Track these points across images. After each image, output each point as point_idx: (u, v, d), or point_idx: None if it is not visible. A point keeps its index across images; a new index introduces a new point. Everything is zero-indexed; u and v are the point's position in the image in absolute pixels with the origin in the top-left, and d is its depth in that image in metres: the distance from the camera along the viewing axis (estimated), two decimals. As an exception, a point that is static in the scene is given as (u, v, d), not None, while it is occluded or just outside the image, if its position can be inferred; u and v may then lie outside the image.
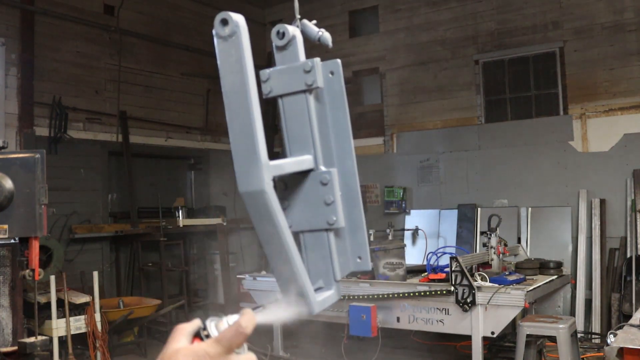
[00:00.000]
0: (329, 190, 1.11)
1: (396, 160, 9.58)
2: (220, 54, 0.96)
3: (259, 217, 0.96)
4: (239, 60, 0.95)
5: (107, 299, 7.56)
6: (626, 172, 7.70)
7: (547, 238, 7.99)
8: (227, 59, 0.95)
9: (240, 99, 0.95)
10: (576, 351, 5.13)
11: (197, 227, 8.95)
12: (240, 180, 0.95)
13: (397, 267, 5.94)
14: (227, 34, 0.95)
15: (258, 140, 0.95)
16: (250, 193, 0.95)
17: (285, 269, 0.99)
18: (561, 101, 8.30)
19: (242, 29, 0.95)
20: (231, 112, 0.96)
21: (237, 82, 0.95)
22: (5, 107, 7.26)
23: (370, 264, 1.22)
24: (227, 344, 0.83)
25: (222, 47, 0.96)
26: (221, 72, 0.96)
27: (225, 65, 0.96)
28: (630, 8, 7.76)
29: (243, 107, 0.95)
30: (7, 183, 4.33)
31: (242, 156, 0.96)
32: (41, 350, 4.39)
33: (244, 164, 0.95)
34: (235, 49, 0.95)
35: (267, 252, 0.99)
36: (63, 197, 7.52)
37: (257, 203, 0.95)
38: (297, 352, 7.02)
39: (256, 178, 0.94)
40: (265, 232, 0.97)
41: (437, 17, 9.32)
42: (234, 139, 0.96)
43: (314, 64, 1.11)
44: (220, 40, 0.96)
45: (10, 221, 4.36)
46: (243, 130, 0.96)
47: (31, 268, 4.45)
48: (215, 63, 0.96)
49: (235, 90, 0.95)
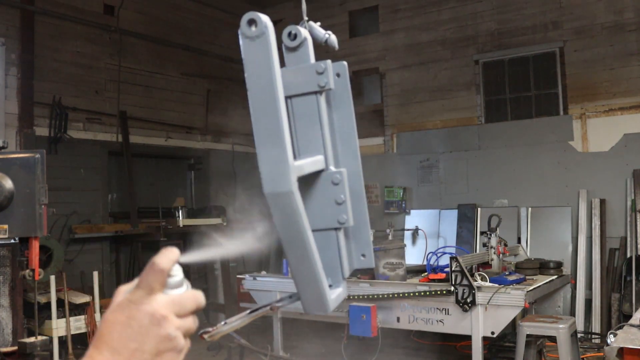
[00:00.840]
0: (340, 189, 1.13)
1: (396, 160, 9.58)
2: (246, 54, 0.96)
3: (284, 218, 0.97)
4: (267, 61, 0.95)
5: (107, 299, 7.56)
6: (626, 172, 7.70)
7: (547, 238, 7.99)
8: (254, 60, 0.95)
9: (268, 100, 0.95)
10: (576, 351, 5.13)
11: (197, 227, 8.95)
12: (266, 181, 0.95)
13: (397, 267, 5.94)
14: (255, 35, 0.95)
15: (285, 141, 0.95)
16: (277, 194, 0.95)
17: (306, 269, 1.00)
18: (561, 101, 8.30)
19: (270, 30, 0.95)
20: (257, 112, 0.96)
21: (265, 84, 0.95)
22: (5, 107, 7.26)
23: (374, 262, 1.25)
24: (146, 286, 0.83)
25: (249, 48, 0.95)
26: (247, 72, 0.96)
27: (252, 66, 0.96)
28: (630, 8, 7.77)
29: (270, 108, 0.95)
30: (7, 183, 4.33)
31: (268, 157, 0.95)
32: (41, 350, 4.39)
33: (271, 165, 0.95)
34: (263, 50, 0.95)
35: (288, 252, 1.00)
36: (63, 197, 7.52)
37: (284, 204, 0.96)
38: (297, 352, 7.02)
39: (284, 179, 0.95)
40: (290, 233, 0.98)
41: (437, 17, 9.33)
42: (260, 140, 0.96)
43: (327, 66, 1.12)
44: (247, 41, 0.95)
45: (10, 221, 4.36)
46: (270, 131, 0.95)
47: (31, 268, 4.45)
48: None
49: (262, 91, 0.95)
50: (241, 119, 11.65)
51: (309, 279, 1.01)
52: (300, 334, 7.47)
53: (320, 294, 1.03)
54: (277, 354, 6.40)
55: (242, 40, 0.96)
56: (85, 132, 8.10)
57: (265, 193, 0.96)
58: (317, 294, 1.03)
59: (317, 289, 1.02)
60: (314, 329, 7.51)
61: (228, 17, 10.18)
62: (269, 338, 6.69)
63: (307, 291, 1.02)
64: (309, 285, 1.02)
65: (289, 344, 7.11)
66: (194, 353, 7.39)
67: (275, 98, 0.95)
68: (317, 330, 7.53)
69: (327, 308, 1.04)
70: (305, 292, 1.02)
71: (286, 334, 6.69)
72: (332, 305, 1.05)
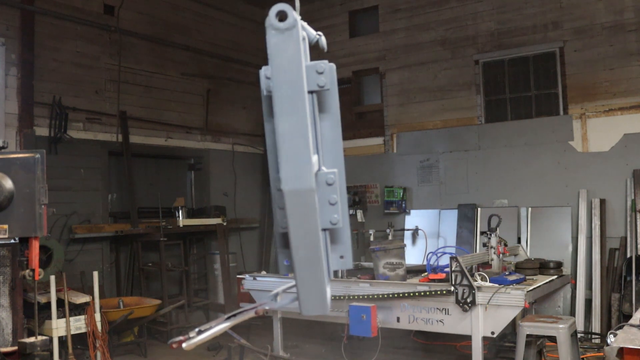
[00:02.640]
0: (334, 190, 1.11)
1: (396, 160, 9.58)
2: (273, 47, 0.93)
3: (301, 215, 0.95)
4: (296, 55, 0.93)
5: (107, 299, 7.56)
6: (626, 172, 7.70)
7: (547, 238, 7.99)
8: (282, 53, 0.93)
9: (294, 94, 0.93)
10: (576, 351, 5.13)
11: (197, 227, 8.95)
12: (287, 178, 0.93)
13: (397, 267, 5.94)
14: (285, 27, 0.92)
15: (309, 138, 0.93)
16: (298, 191, 0.93)
17: (313, 269, 0.99)
18: (561, 101, 8.30)
19: (299, 24, 0.93)
20: (282, 107, 0.93)
21: (292, 78, 0.93)
22: (5, 107, 7.26)
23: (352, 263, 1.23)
24: None
25: (277, 41, 0.93)
26: (273, 65, 0.93)
27: (279, 60, 0.93)
28: (630, 8, 7.77)
29: (297, 103, 0.93)
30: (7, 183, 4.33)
31: (291, 153, 0.93)
32: (41, 350, 4.39)
33: (294, 161, 0.93)
34: (292, 43, 0.92)
35: (298, 252, 0.97)
36: (63, 197, 7.52)
37: (303, 201, 0.94)
38: (297, 352, 7.02)
39: (306, 176, 0.93)
40: (303, 231, 0.96)
41: (437, 17, 9.33)
42: (283, 134, 0.93)
43: (327, 67, 1.11)
44: (275, 33, 0.93)
45: (10, 221, 4.35)
46: (295, 126, 0.93)
47: (31, 268, 4.44)
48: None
49: (289, 85, 0.93)
50: (241, 119, 11.66)
51: (314, 280, 1.00)
52: (300, 334, 7.46)
53: (322, 295, 1.01)
54: (277, 354, 6.40)
55: (269, 33, 0.93)
56: (85, 132, 8.09)
57: (284, 190, 0.93)
58: (320, 294, 1.01)
59: (320, 289, 1.01)
60: (314, 329, 7.51)
61: (228, 17, 10.18)
62: (269, 338, 6.69)
63: (310, 292, 1.00)
64: (312, 286, 1.00)
65: (289, 344, 7.11)
66: (194, 353, 7.35)
67: (302, 93, 0.93)
68: (317, 330, 7.53)
69: (326, 309, 1.02)
70: (307, 292, 1.01)
71: (286, 334, 6.69)
72: (329, 307, 1.03)
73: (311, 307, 1.02)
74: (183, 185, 9.93)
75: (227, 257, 9.10)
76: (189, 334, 1.02)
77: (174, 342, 1.02)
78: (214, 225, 9.06)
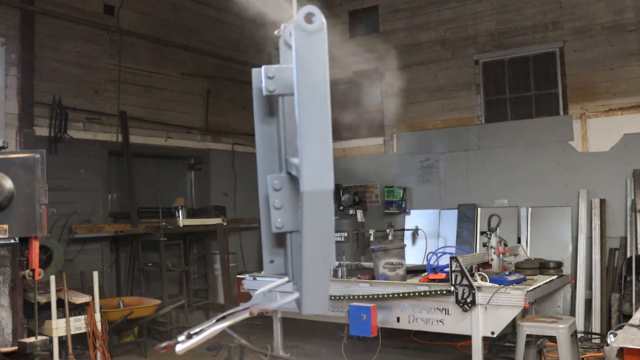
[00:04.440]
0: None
1: (396, 160, 9.58)
2: (300, 48, 0.94)
3: (319, 216, 0.95)
4: (321, 58, 0.94)
5: (107, 299, 7.56)
6: (626, 172, 7.70)
7: (547, 238, 7.99)
8: (309, 54, 0.93)
9: (319, 96, 0.94)
10: (576, 351, 5.12)
11: (197, 227, 8.95)
12: (308, 179, 0.93)
13: (397, 267, 5.94)
14: (313, 29, 0.93)
15: (330, 139, 0.94)
16: (319, 192, 0.94)
17: (323, 269, 0.99)
18: (561, 101, 8.30)
19: (325, 27, 0.94)
20: (306, 107, 0.93)
21: (318, 79, 0.93)
22: (5, 107, 7.26)
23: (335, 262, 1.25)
24: None
25: (305, 42, 0.94)
26: (299, 67, 0.94)
27: (305, 61, 0.94)
28: (630, 8, 7.77)
29: (321, 104, 0.94)
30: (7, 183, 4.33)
31: (314, 154, 0.94)
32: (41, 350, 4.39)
33: (316, 162, 0.94)
34: (320, 45, 0.93)
35: (310, 251, 0.97)
36: (63, 197, 7.52)
37: (323, 202, 0.95)
38: (297, 352, 7.02)
39: (327, 177, 0.94)
40: (320, 231, 0.96)
41: (437, 17, 9.33)
42: (306, 135, 0.93)
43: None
44: (303, 34, 0.94)
45: (10, 221, 4.36)
46: (318, 127, 0.94)
47: (31, 268, 4.45)
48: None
49: (315, 87, 0.93)
50: (241, 119, 11.66)
51: (321, 279, 1.00)
52: (300, 334, 7.47)
53: (325, 294, 1.02)
54: (277, 354, 6.40)
55: (296, 34, 0.93)
56: (85, 132, 8.09)
57: (305, 190, 0.93)
58: (323, 293, 1.02)
59: (325, 289, 1.01)
60: (314, 329, 7.51)
61: (228, 17, 10.18)
62: (269, 338, 6.69)
63: (315, 291, 1.01)
64: (319, 285, 1.01)
65: (289, 344, 7.11)
66: (194, 353, 7.38)
67: (326, 95, 0.94)
68: (317, 330, 7.53)
69: (327, 307, 1.03)
70: (311, 292, 1.01)
71: (286, 334, 6.69)
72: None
73: (313, 306, 1.03)
74: (183, 185, 9.93)
75: (227, 257, 9.10)
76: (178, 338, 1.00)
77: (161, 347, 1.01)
78: (214, 225, 9.06)
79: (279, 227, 1.12)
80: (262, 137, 1.25)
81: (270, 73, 1.11)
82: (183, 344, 0.99)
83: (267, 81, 1.11)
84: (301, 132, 0.93)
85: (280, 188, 1.12)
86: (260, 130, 1.25)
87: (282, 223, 1.11)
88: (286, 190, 1.12)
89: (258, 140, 1.25)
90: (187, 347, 1.00)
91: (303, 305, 1.03)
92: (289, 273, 1.17)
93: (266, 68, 1.11)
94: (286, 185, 1.13)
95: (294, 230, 1.13)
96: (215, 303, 9.17)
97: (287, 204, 1.12)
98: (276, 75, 1.12)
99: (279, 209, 1.12)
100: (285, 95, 1.13)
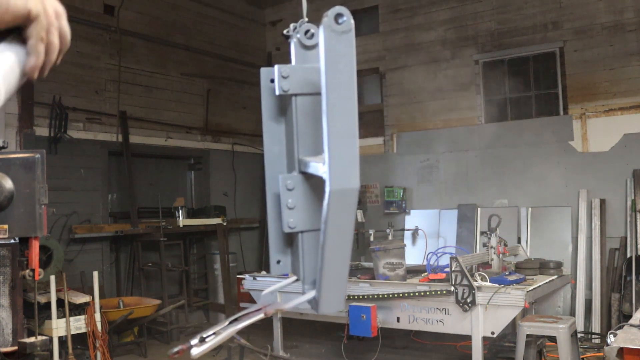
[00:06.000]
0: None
1: (396, 160, 9.58)
2: (329, 49, 0.94)
3: (343, 215, 0.96)
4: (350, 58, 0.94)
5: (107, 299, 7.56)
6: (626, 172, 7.70)
7: (547, 238, 7.99)
8: (337, 55, 0.94)
9: (347, 96, 0.95)
10: (576, 351, 5.13)
11: (197, 227, 8.95)
12: (336, 177, 0.94)
13: (397, 267, 5.94)
14: (342, 30, 0.94)
15: (357, 139, 0.95)
16: (346, 191, 0.94)
17: (341, 267, 1.00)
18: (561, 101, 8.30)
19: (354, 27, 0.94)
20: (334, 108, 0.94)
21: (346, 80, 0.94)
22: (5, 107, 7.25)
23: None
24: None
25: (334, 43, 0.94)
26: (327, 67, 0.94)
27: (334, 61, 0.94)
28: (630, 8, 7.76)
29: (349, 105, 0.95)
30: (7, 183, 4.33)
31: (341, 153, 0.94)
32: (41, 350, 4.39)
33: (343, 161, 0.94)
34: (349, 46, 0.94)
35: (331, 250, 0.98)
36: (63, 197, 7.51)
37: (348, 201, 0.95)
38: (297, 352, 7.02)
39: (354, 176, 0.95)
40: (343, 230, 0.97)
41: (437, 17, 9.32)
42: (334, 135, 0.94)
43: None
44: (332, 35, 0.94)
45: (10, 221, 4.35)
46: (346, 127, 0.94)
47: (31, 268, 4.44)
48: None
49: (343, 87, 0.94)
50: (241, 119, 11.65)
51: (340, 278, 1.02)
52: (300, 334, 7.47)
53: (342, 293, 1.03)
54: (277, 354, 6.40)
55: (325, 34, 0.94)
56: (85, 132, 8.09)
57: (331, 190, 0.94)
58: (341, 292, 1.03)
59: (342, 287, 1.03)
60: (314, 329, 7.51)
61: (228, 17, 10.18)
62: (269, 338, 6.69)
63: (333, 290, 1.02)
64: (337, 284, 1.02)
65: (289, 344, 7.11)
66: (194, 353, 7.34)
67: (354, 95, 0.94)
68: (317, 330, 7.53)
69: (343, 306, 1.05)
70: (330, 290, 1.02)
71: (286, 334, 6.69)
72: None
73: (331, 304, 1.04)
74: (183, 185, 9.93)
75: (227, 257, 9.10)
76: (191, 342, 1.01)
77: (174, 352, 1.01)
78: (214, 225, 9.06)
79: (291, 227, 1.13)
80: (271, 136, 1.26)
81: (285, 73, 1.12)
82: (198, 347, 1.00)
83: (282, 80, 1.12)
84: (330, 132, 0.94)
85: (294, 188, 1.13)
86: (269, 130, 1.26)
87: (295, 223, 1.12)
88: (299, 190, 1.14)
89: (267, 140, 1.26)
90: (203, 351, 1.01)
91: (320, 304, 1.04)
92: (299, 273, 1.17)
93: (281, 67, 1.12)
94: (300, 185, 1.14)
95: (306, 229, 1.14)
96: (215, 303, 9.17)
97: (300, 204, 1.13)
98: (291, 75, 1.13)
99: (292, 209, 1.13)
100: (299, 95, 1.14)
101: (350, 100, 0.94)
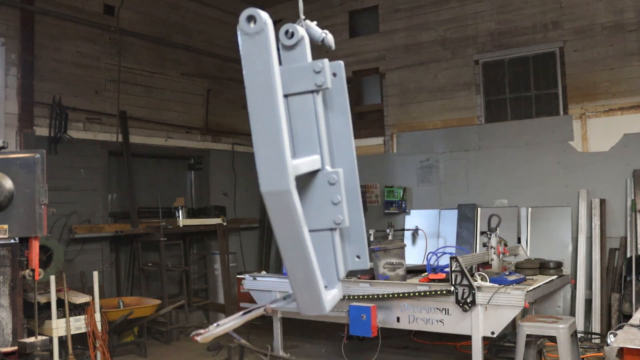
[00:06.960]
0: (337, 190, 1.11)
1: (396, 160, 9.58)
2: (245, 51, 0.94)
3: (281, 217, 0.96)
4: (266, 59, 0.94)
5: (107, 299, 7.56)
6: (626, 172, 7.70)
7: (547, 238, 7.99)
8: (252, 57, 0.94)
9: (266, 98, 0.94)
10: (576, 351, 5.12)
11: (197, 227, 8.95)
12: (263, 180, 0.94)
13: (397, 267, 5.94)
14: (254, 31, 0.93)
15: (283, 140, 0.94)
16: (274, 193, 0.94)
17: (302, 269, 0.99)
18: (561, 101, 8.30)
19: (269, 27, 0.94)
20: (255, 110, 0.94)
21: (263, 81, 0.94)
22: (5, 107, 7.26)
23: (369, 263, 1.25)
24: None
25: (248, 45, 0.94)
26: (245, 70, 0.94)
27: (250, 64, 0.94)
28: (630, 8, 7.77)
29: (268, 106, 0.94)
30: (7, 183, 4.33)
31: (266, 155, 0.94)
32: (41, 350, 4.39)
33: (268, 163, 0.94)
34: (262, 47, 0.93)
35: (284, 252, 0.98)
36: (63, 197, 7.52)
37: (281, 203, 0.95)
38: (297, 352, 7.02)
39: (281, 178, 0.94)
40: (286, 233, 0.96)
41: (437, 17, 9.32)
42: (258, 138, 0.94)
43: (324, 65, 1.11)
44: (245, 37, 0.94)
45: (10, 221, 4.36)
46: (267, 129, 0.94)
47: (31, 268, 4.45)
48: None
49: (261, 89, 0.94)
50: (241, 119, 11.68)
51: (304, 280, 1.00)
52: (300, 334, 7.47)
53: (316, 295, 1.02)
54: (277, 354, 6.40)
55: (240, 37, 0.94)
56: (85, 132, 8.09)
57: (262, 192, 0.94)
58: (313, 294, 1.01)
59: (313, 289, 1.01)
60: (314, 329, 7.52)
61: (228, 17, 10.18)
62: (269, 338, 6.69)
63: (303, 292, 1.01)
64: (304, 286, 1.01)
65: (289, 344, 7.11)
66: (194, 353, 7.37)
67: (273, 96, 0.94)
68: (317, 330, 7.53)
69: (322, 309, 1.03)
70: (301, 293, 1.01)
71: (286, 334, 6.69)
72: (327, 307, 1.03)
73: (308, 307, 1.03)
74: (183, 185, 9.93)
75: (227, 257, 9.10)
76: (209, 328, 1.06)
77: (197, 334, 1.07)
78: (214, 225, 9.06)
79: None
80: None
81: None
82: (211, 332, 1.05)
83: None
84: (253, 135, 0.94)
85: None
86: None
87: None
88: None
89: None
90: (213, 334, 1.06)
91: (300, 306, 1.03)
92: None
93: None
94: None
95: None
96: (215, 303, 9.17)
97: None
98: None
99: None
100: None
101: (270, 102, 0.93)
